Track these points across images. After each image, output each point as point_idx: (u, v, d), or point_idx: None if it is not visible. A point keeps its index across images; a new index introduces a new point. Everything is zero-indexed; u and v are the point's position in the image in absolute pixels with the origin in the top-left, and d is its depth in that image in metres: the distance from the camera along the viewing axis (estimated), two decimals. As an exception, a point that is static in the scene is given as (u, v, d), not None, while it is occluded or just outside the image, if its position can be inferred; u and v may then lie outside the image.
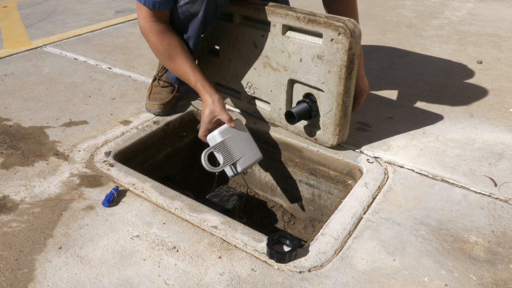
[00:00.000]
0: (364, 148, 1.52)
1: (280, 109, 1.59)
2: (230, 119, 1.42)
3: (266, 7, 1.46)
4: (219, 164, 1.39)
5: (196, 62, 1.73)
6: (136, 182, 1.33)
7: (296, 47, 1.43)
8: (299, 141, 1.57)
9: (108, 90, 1.93)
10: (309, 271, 1.05)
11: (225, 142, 1.39)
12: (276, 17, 1.45)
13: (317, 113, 1.48)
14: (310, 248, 1.11)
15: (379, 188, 1.33)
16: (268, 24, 1.49)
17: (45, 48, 2.41)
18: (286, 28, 1.46)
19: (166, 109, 1.70)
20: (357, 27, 1.32)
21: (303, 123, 1.55)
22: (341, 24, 1.30)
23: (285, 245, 1.13)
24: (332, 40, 1.33)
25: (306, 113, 1.47)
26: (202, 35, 1.63)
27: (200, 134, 1.46)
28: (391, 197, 1.30)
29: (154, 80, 1.81)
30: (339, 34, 1.31)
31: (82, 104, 1.81)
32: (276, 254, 1.06)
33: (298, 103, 1.51)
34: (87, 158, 1.45)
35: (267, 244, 1.08)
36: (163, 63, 1.56)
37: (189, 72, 1.48)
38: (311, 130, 1.53)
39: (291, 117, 1.48)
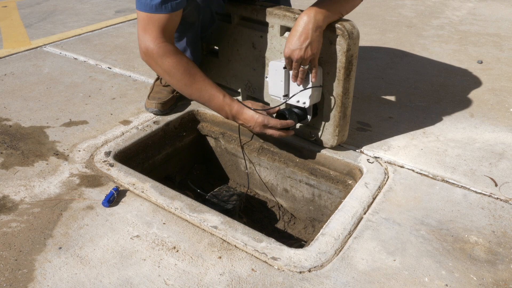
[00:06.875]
0: (364, 148, 1.52)
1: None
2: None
3: (264, 8, 1.46)
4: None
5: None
6: (136, 182, 1.33)
7: None
8: (299, 141, 1.56)
9: (108, 90, 1.93)
10: (309, 271, 1.05)
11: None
12: (274, 18, 1.44)
13: (316, 115, 1.48)
14: (310, 248, 1.11)
15: (379, 188, 1.33)
16: (266, 25, 1.48)
17: (45, 48, 2.41)
18: (284, 29, 1.45)
19: (164, 109, 1.70)
20: (355, 29, 1.31)
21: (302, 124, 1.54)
22: (339, 25, 1.29)
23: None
24: (330, 42, 1.32)
25: (305, 115, 1.47)
26: (201, 39, 1.64)
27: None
28: (391, 197, 1.30)
29: (157, 79, 1.80)
30: (337, 36, 1.30)
31: (82, 104, 1.80)
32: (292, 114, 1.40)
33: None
34: (87, 158, 1.45)
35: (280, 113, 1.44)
36: (180, 87, 1.42)
37: (214, 89, 1.40)
38: (311, 131, 1.53)
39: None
